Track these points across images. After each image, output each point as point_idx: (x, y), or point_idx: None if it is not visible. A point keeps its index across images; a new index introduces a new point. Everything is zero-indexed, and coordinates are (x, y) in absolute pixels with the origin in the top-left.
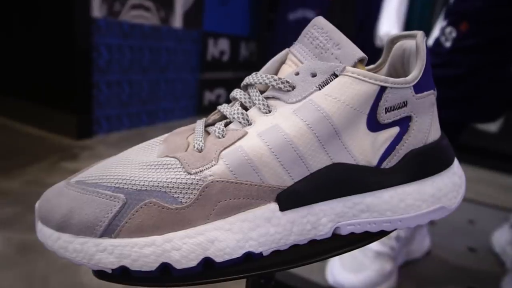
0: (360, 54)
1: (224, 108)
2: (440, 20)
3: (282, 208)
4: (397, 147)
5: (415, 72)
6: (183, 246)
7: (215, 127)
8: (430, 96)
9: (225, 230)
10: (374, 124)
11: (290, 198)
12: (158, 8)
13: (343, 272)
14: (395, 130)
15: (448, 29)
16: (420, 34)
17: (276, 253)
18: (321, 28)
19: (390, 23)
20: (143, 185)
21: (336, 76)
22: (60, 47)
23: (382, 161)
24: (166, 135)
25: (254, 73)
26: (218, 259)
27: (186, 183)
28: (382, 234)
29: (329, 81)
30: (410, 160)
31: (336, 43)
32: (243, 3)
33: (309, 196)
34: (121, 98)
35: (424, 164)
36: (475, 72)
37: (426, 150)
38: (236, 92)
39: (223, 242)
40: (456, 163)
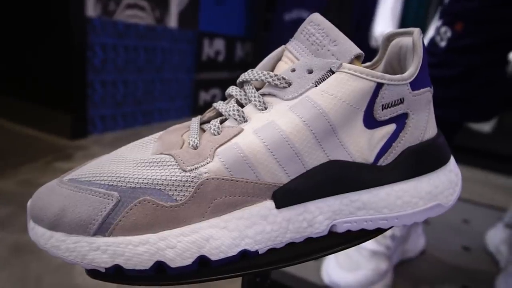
0: (357, 50)
1: (219, 105)
2: (435, 20)
3: (278, 206)
4: (393, 144)
5: (412, 69)
6: (177, 244)
7: (210, 124)
8: (426, 93)
9: (220, 228)
10: (371, 121)
11: (286, 196)
12: (153, 7)
13: (338, 271)
14: (391, 127)
15: (443, 28)
16: (416, 31)
17: (272, 251)
18: (317, 25)
19: (385, 23)
20: (137, 182)
21: (332, 72)
22: (54, 46)
23: (379, 158)
24: (161, 132)
25: (250, 70)
26: (214, 257)
27: (181, 181)
28: (379, 231)
29: (325, 77)
30: (406, 158)
31: (332, 39)
32: (239, 3)
33: (305, 193)
34: (116, 98)
35: (420, 161)
36: (471, 72)
37: (423, 147)
38: (232, 89)
39: (219, 240)
40: (452, 161)
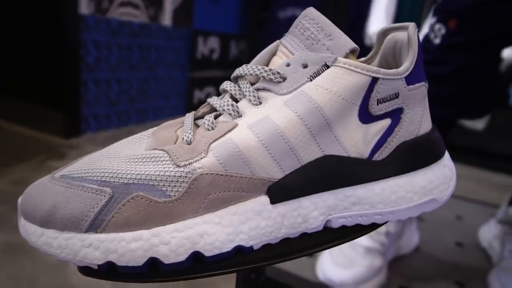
0: (352, 44)
1: (213, 100)
2: (430, 17)
3: (273, 201)
4: (388, 139)
5: (407, 63)
6: (171, 240)
7: (204, 119)
8: (421, 88)
9: (215, 223)
10: (366, 116)
11: (281, 191)
12: (147, 5)
13: (333, 268)
14: (386, 122)
15: (437, 26)
16: (412, 25)
17: (267, 246)
18: (312, 19)
19: (379, 21)
20: (130, 178)
21: (327, 67)
22: (47, 44)
23: (374, 153)
24: (154, 128)
25: (245, 64)
26: (208, 253)
27: (175, 176)
28: (374, 226)
29: (320, 72)
30: (401, 152)
31: (327, 34)
32: (233, 1)
33: (300, 188)
34: (109, 97)
35: (415, 156)
36: (464, 69)
37: (418, 142)
38: (226, 84)
39: (213, 236)
40: (447, 156)
